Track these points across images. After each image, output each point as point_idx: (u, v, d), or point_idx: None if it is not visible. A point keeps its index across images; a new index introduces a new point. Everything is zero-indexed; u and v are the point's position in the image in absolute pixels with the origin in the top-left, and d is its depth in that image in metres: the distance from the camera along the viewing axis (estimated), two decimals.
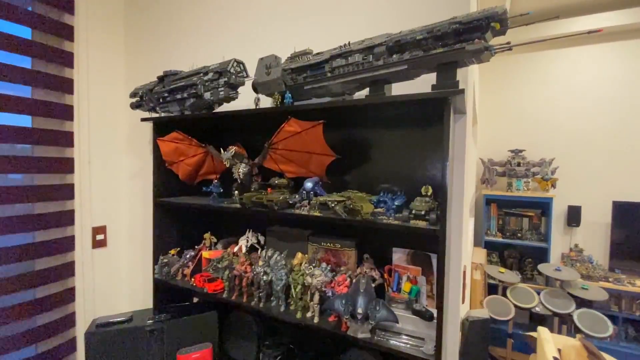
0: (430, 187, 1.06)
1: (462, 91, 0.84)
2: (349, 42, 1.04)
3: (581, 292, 2.63)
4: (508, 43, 0.81)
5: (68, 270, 1.80)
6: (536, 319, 2.95)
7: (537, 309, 2.62)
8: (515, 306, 2.62)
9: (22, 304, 1.60)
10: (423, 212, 0.97)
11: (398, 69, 0.94)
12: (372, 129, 1.28)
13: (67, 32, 1.78)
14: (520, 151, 3.33)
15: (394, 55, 0.95)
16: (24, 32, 1.65)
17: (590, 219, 3.22)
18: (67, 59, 1.78)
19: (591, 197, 3.21)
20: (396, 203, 1.09)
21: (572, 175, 3.27)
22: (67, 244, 1.80)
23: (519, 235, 3.29)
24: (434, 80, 0.92)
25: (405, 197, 1.12)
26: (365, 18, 1.30)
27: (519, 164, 3.26)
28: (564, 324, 2.60)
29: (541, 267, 2.83)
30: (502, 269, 2.88)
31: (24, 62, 1.66)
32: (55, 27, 1.72)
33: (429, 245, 1.13)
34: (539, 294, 2.66)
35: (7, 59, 1.56)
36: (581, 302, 2.55)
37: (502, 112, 3.61)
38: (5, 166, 1.56)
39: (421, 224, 0.97)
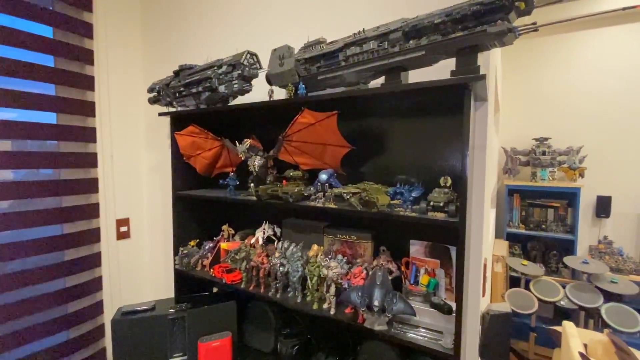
0: (449, 178, 1.03)
1: (484, 77, 0.79)
2: (364, 29, 1.00)
3: (610, 285, 2.52)
4: (534, 24, 0.76)
5: (95, 260, 1.88)
6: (561, 313, 2.85)
7: (562, 302, 2.53)
8: (539, 299, 2.55)
9: (53, 293, 1.69)
10: (441, 204, 0.94)
11: (415, 55, 0.91)
12: (388, 118, 1.25)
13: (87, 30, 1.82)
14: (546, 139, 3.18)
15: (411, 41, 0.92)
16: (45, 31, 1.70)
17: (620, 209, 3.05)
18: (87, 56, 1.83)
19: (622, 187, 3.04)
20: (413, 195, 1.06)
21: (601, 164, 3.09)
22: (93, 235, 1.88)
23: (543, 227, 3.17)
24: (453, 65, 0.88)
25: (423, 189, 1.09)
26: (379, 4, 1.25)
27: (544, 153, 3.11)
28: (591, 318, 2.50)
29: (567, 259, 2.72)
30: (525, 262, 2.79)
31: (47, 60, 1.72)
32: (75, 24, 1.76)
33: (448, 238, 1.10)
34: (564, 287, 2.57)
35: (31, 57, 1.61)
36: (610, 296, 2.44)
37: (526, 98, 3.44)
38: (35, 161, 1.63)
39: (439, 216, 0.94)
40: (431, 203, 0.96)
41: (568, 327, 1.64)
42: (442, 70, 0.92)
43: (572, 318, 2.67)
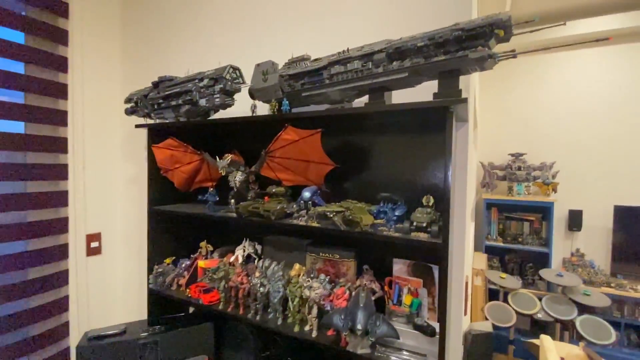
0: (431, 197, 1.03)
1: (465, 100, 0.81)
2: (348, 49, 1.01)
3: (583, 298, 2.60)
4: (513, 51, 0.78)
5: (61, 278, 1.76)
6: (538, 326, 2.91)
7: (538, 315, 2.58)
8: (517, 312, 2.59)
9: (15, 314, 1.56)
10: (424, 224, 0.94)
11: (398, 77, 0.91)
12: (371, 135, 1.25)
13: (61, 37, 1.74)
14: (521, 155, 3.30)
15: (394, 63, 0.93)
16: (17, 36, 1.62)
17: (591, 223, 3.19)
18: (61, 64, 1.75)
19: (592, 202, 3.18)
20: (396, 213, 1.05)
21: (573, 179, 3.24)
22: (61, 252, 1.76)
23: (520, 240, 3.26)
24: (435, 86, 0.89)
25: (406, 207, 1.08)
26: (364, 24, 1.27)
27: (519, 168, 3.23)
28: (566, 330, 2.56)
29: (542, 272, 2.79)
30: (503, 275, 2.84)
31: (17, 67, 1.63)
32: (49, 31, 1.69)
33: (431, 257, 1.10)
34: (540, 299, 2.63)
35: (0, 64, 1.53)
36: (583, 308, 2.52)
37: (503, 115, 3.58)
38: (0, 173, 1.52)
39: (422, 236, 0.94)
40: (414, 223, 0.95)
41: (545, 341, 1.66)
42: (425, 90, 0.94)
43: (548, 330, 2.73)
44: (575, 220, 3.19)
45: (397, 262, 1.17)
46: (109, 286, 2.00)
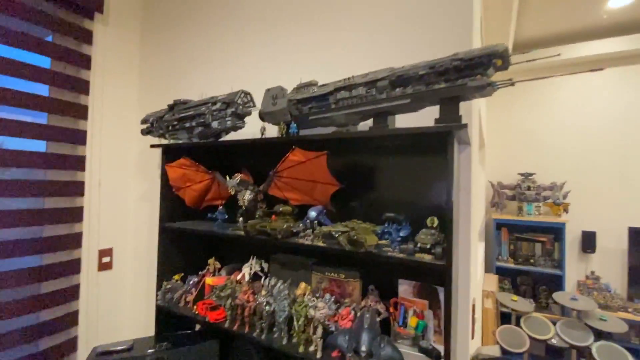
0: (435, 219, 1.05)
1: (465, 126, 0.84)
2: (353, 76, 1.06)
3: (599, 323, 2.51)
4: (510, 79, 0.81)
5: (73, 293, 1.80)
6: (553, 352, 2.80)
7: (553, 340, 2.49)
8: (530, 337, 2.51)
9: (26, 327, 1.59)
10: (428, 246, 0.95)
11: (401, 103, 0.95)
12: (376, 156, 1.29)
13: (85, 62, 1.86)
14: (530, 174, 3.28)
15: (397, 89, 0.97)
16: (43, 61, 1.74)
17: (605, 245, 3.11)
18: (83, 87, 1.85)
19: (606, 223, 3.11)
20: (401, 234, 1.07)
21: (585, 199, 3.19)
22: (74, 266, 1.81)
23: (532, 261, 3.19)
24: (437, 110, 0.92)
25: (411, 228, 1.10)
26: (368, 52, 1.33)
27: (529, 188, 3.20)
28: (582, 357, 2.46)
29: (556, 295, 2.71)
30: (515, 297, 2.77)
31: (42, 89, 1.74)
32: (74, 57, 1.81)
33: (436, 278, 1.10)
34: (554, 324, 2.55)
35: (26, 86, 1.63)
36: (599, 334, 2.42)
37: (511, 135, 3.59)
38: (20, 190, 1.60)
39: (426, 257, 0.95)
40: (418, 244, 0.97)
41: None
42: (427, 113, 0.97)
43: (564, 357, 2.63)
44: (588, 242, 3.12)
45: (403, 283, 1.17)
46: (118, 301, 2.03)
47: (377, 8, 1.32)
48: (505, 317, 2.91)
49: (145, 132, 1.65)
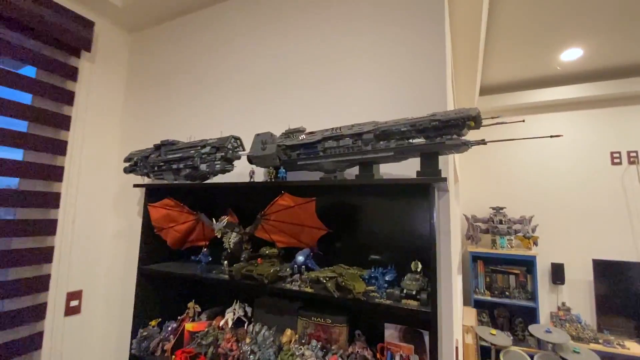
0: (419, 263, 1.09)
1: (445, 179, 0.91)
2: (340, 127, 1.13)
3: (573, 356, 2.58)
4: (483, 140, 0.91)
5: (34, 342, 1.65)
6: None
7: None
8: None
9: None
10: (414, 292, 0.98)
11: (385, 155, 1.02)
12: (361, 198, 1.33)
13: (68, 98, 1.85)
14: (501, 208, 3.46)
15: (381, 142, 1.04)
16: (24, 97, 1.71)
17: (573, 276, 3.28)
18: (64, 122, 1.83)
19: (572, 255, 3.30)
20: (387, 278, 1.10)
21: (552, 233, 3.39)
22: (38, 312, 1.68)
23: (507, 293, 3.29)
24: (418, 161, 1.00)
25: (396, 272, 1.14)
26: (351, 103, 1.42)
27: (500, 222, 3.36)
28: None
29: (532, 328, 2.79)
30: (494, 331, 2.82)
31: (21, 125, 1.70)
32: (57, 93, 1.79)
33: (421, 322, 1.12)
34: (532, 357, 2.59)
35: (4, 122, 1.59)
36: None
37: (481, 171, 3.81)
38: None
39: (412, 303, 0.98)
40: (404, 290, 1.00)
41: None
42: (409, 162, 1.05)
43: None
44: (557, 274, 3.27)
45: (389, 327, 1.18)
46: (85, 350, 1.88)
47: (360, 63, 1.44)
48: (484, 351, 2.94)
49: (128, 171, 1.63)
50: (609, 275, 3.09)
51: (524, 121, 1.04)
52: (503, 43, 2.74)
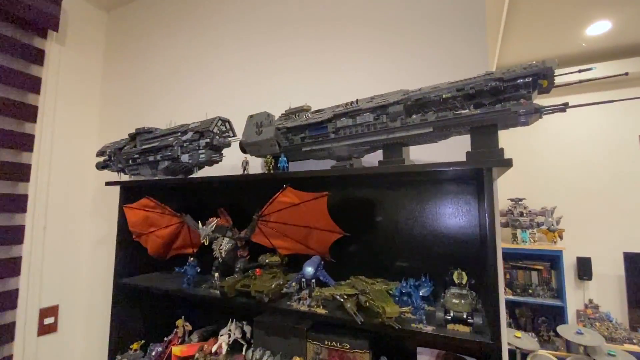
0: (464, 273, 0.84)
1: (510, 162, 0.65)
2: (357, 100, 0.87)
3: (609, 359, 2.35)
4: (566, 104, 0.65)
5: None
6: None
7: None
8: None
9: None
10: (464, 315, 0.73)
11: (421, 132, 0.76)
12: (384, 190, 1.07)
13: (33, 84, 1.59)
14: (521, 200, 3.20)
15: (414, 116, 0.78)
16: None
17: (601, 271, 3.01)
18: (29, 113, 1.57)
19: (600, 249, 3.03)
20: (421, 293, 0.86)
21: (576, 225, 3.12)
22: (5, 333, 1.44)
23: (530, 291, 3.03)
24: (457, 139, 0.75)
25: (432, 284, 0.89)
26: (365, 75, 1.16)
27: (521, 214, 3.10)
28: None
29: (560, 330, 2.55)
30: (519, 333, 2.58)
31: None
32: (19, 79, 1.54)
33: (466, 346, 0.88)
34: None
35: None
36: None
37: None
38: None
39: (462, 329, 0.73)
40: (451, 313, 0.75)
41: None
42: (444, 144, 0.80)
43: None
44: (584, 269, 3.01)
45: (423, 352, 0.94)
46: None
47: (377, 22, 1.17)
48: (509, 355, 2.70)
49: (101, 166, 1.38)
50: None
51: (627, 74, 0.77)
52: (523, 17, 2.45)
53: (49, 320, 1.61)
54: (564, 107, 0.65)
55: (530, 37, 2.72)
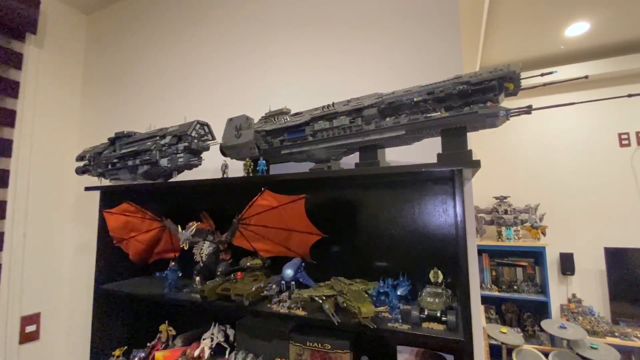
0: (439, 272, 0.86)
1: (479, 164, 0.67)
2: (333, 103, 0.88)
3: (591, 352, 2.40)
4: (529, 106, 0.67)
5: None
6: None
7: None
8: None
9: None
10: (438, 313, 0.75)
11: (394, 135, 0.78)
12: (362, 191, 1.09)
13: (10, 89, 1.56)
14: (505, 197, 3.26)
15: (387, 119, 0.80)
16: None
17: (584, 266, 3.09)
18: (7, 117, 1.54)
19: (582, 244, 3.11)
20: (399, 293, 0.87)
21: (558, 221, 3.19)
22: None
23: (515, 287, 3.09)
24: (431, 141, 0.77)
25: (410, 283, 0.91)
26: (345, 76, 1.17)
27: (506, 212, 3.16)
28: None
29: (544, 324, 2.60)
30: (504, 329, 2.63)
31: None
32: None
33: (444, 346, 0.89)
34: (546, 355, 2.41)
35: None
36: None
37: (482, 158, 3.59)
38: None
39: (437, 327, 0.75)
40: (425, 311, 0.76)
41: None
42: (419, 146, 0.81)
43: None
44: (567, 264, 3.09)
45: (402, 350, 0.95)
46: None
47: (357, 25, 1.18)
48: (495, 350, 2.75)
49: (80, 171, 1.36)
50: (622, 263, 2.91)
51: (587, 77, 0.79)
52: (504, 19, 2.51)
53: (30, 328, 1.58)
54: (528, 110, 0.67)
55: (512, 38, 2.78)
